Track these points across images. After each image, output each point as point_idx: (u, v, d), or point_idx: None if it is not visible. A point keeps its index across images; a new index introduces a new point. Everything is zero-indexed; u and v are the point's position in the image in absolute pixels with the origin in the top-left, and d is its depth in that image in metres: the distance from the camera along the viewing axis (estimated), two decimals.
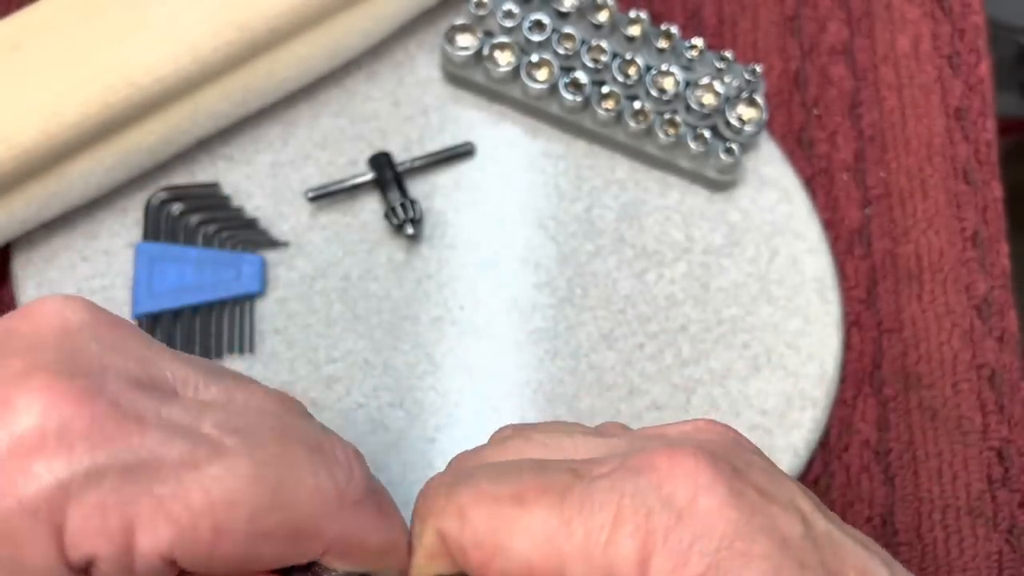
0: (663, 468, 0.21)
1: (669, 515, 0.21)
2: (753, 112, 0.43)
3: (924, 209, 0.44)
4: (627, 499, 0.21)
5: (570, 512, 0.21)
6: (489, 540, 0.22)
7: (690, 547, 0.20)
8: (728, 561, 0.20)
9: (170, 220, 0.41)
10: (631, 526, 0.21)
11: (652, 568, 0.20)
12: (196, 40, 0.38)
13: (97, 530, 0.18)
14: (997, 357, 0.42)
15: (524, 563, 0.21)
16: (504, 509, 0.22)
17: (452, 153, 0.43)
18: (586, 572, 0.21)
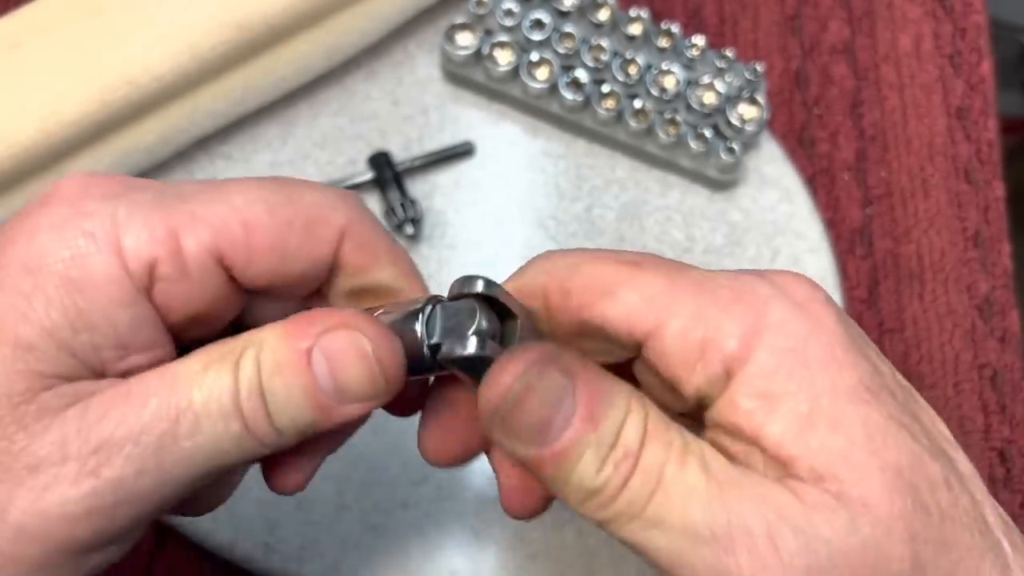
0: (788, 278, 0.22)
1: (788, 309, 0.21)
2: (754, 111, 0.43)
3: (926, 209, 0.44)
4: (748, 287, 0.21)
5: (684, 283, 0.21)
6: (597, 286, 0.22)
7: (809, 335, 0.21)
8: (841, 358, 0.20)
9: None
10: (747, 305, 0.21)
11: (764, 343, 0.20)
12: (195, 39, 0.38)
13: (148, 239, 0.21)
14: (999, 357, 0.42)
15: (627, 310, 0.21)
16: (621, 267, 0.22)
17: (452, 152, 0.43)
18: (685, 332, 0.21)
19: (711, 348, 0.21)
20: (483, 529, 0.37)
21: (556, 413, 0.20)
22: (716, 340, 0.21)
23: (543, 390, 0.20)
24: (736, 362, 0.21)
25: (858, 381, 0.20)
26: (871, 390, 0.20)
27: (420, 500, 0.37)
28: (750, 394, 0.20)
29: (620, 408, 0.20)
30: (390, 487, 0.38)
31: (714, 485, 0.20)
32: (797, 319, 0.21)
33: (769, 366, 0.20)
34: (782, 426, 0.20)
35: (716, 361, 0.21)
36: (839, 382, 0.20)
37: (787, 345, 0.20)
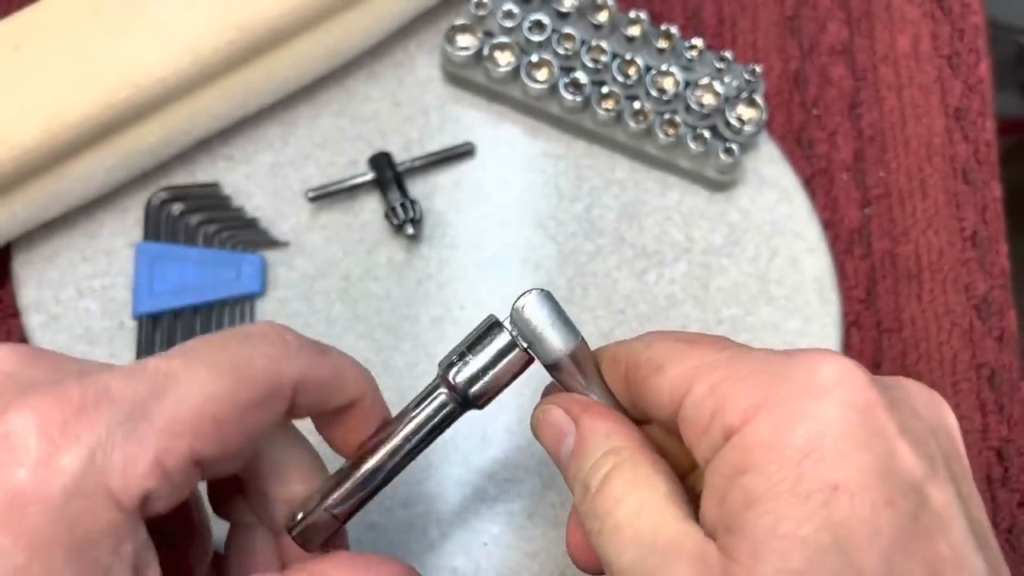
0: (814, 359, 0.22)
1: (797, 389, 0.22)
2: (753, 112, 0.43)
3: (924, 209, 0.45)
4: (769, 365, 0.23)
5: (721, 356, 0.24)
6: (656, 361, 0.25)
7: (800, 419, 0.21)
8: (825, 452, 0.20)
9: (170, 220, 0.41)
10: (759, 381, 0.22)
11: (757, 420, 0.21)
12: (196, 40, 0.38)
13: (139, 476, 0.21)
14: (997, 357, 0.42)
15: (670, 382, 0.24)
16: (679, 344, 0.25)
17: (452, 153, 0.43)
18: (702, 399, 0.23)
19: (717, 418, 0.22)
20: (483, 528, 0.37)
21: (559, 445, 0.26)
22: (722, 411, 0.22)
23: (548, 425, 0.27)
24: (732, 433, 0.22)
25: (828, 478, 0.20)
26: (841, 490, 0.20)
27: (420, 500, 0.38)
28: (728, 463, 0.22)
29: (594, 453, 0.25)
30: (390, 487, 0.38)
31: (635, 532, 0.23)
32: (798, 402, 0.21)
33: (752, 442, 0.21)
34: (736, 499, 0.21)
35: (718, 430, 0.22)
36: (807, 474, 0.20)
37: (774, 427, 0.21)
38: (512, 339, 0.26)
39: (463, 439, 0.39)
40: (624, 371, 0.26)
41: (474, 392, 0.27)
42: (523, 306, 0.26)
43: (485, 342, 0.27)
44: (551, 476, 0.38)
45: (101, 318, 0.40)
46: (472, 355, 0.27)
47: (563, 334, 0.26)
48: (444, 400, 0.27)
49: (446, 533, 0.37)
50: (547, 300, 0.26)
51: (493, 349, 0.27)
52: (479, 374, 0.26)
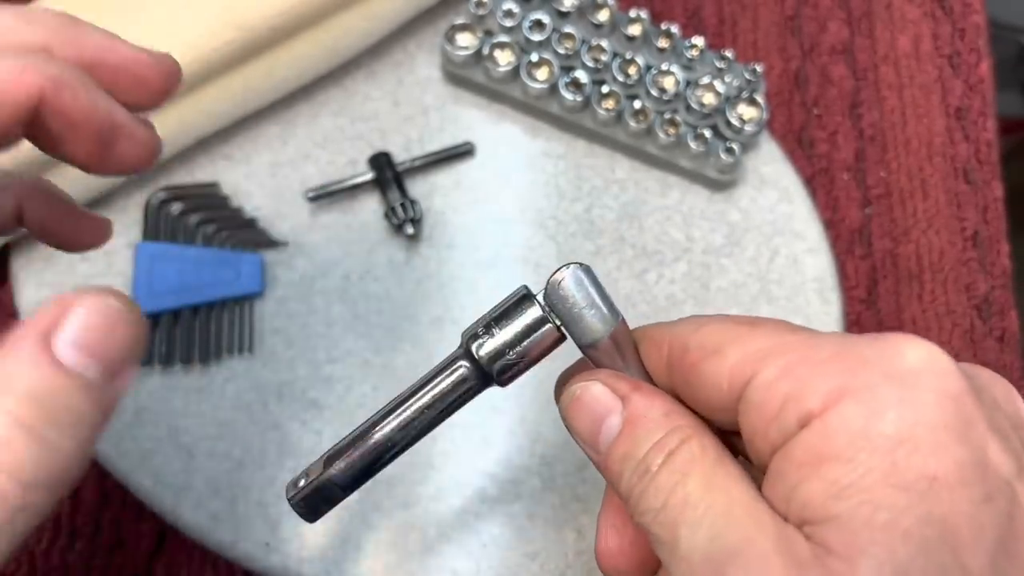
0: (899, 342, 0.21)
1: (886, 374, 0.20)
2: (753, 112, 0.43)
3: (924, 209, 0.44)
4: (850, 348, 0.21)
5: (793, 338, 0.21)
6: (711, 344, 0.23)
7: (892, 405, 0.19)
8: (921, 441, 0.19)
9: (170, 220, 0.41)
10: (843, 363, 0.20)
11: (843, 405, 0.20)
12: (196, 40, 0.38)
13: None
14: (998, 357, 0.42)
15: (730, 366, 0.22)
16: (738, 326, 0.23)
17: (452, 153, 0.43)
18: (772, 383, 0.21)
19: (792, 402, 0.20)
20: (483, 529, 0.37)
21: (600, 426, 0.23)
22: (799, 395, 0.20)
23: (587, 404, 0.24)
24: (810, 419, 0.20)
25: (925, 468, 0.19)
26: (940, 482, 0.19)
27: (420, 500, 0.38)
28: (807, 449, 0.20)
29: (654, 432, 0.22)
30: (390, 487, 0.38)
31: (714, 515, 0.20)
32: (887, 388, 0.20)
33: (836, 428, 0.20)
34: (816, 490, 0.20)
35: (792, 416, 0.20)
36: (902, 463, 0.19)
37: (863, 413, 0.19)
38: (544, 314, 0.24)
39: (463, 440, 0.39)
40: (667, 355, 0.24)
41: (498, 367, 0.24)
42: (560, 280, 0.24)
43: (514, 315, 0.24)
44: (551, 477, 0.38)
45: None
46: (498, 328, 0.24)
47: (604, 314, 0.24)
48: (464, 374, 0.25)
49: (446, 533, 0.37)
50: (587, 275, 0.25)
51: (522, 323, 0.24)
52: (504, 348, 0.24)
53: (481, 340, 0.24)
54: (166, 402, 0.38)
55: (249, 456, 0.38)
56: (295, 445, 0.38)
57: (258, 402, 0.39)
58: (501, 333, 0.24)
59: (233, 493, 0.37)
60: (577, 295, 0.24)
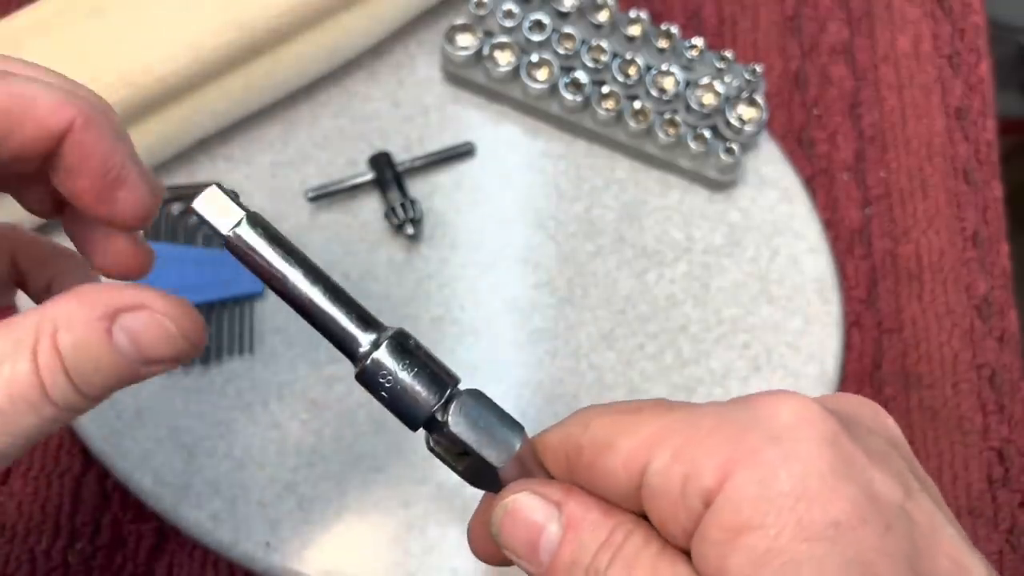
0: (770, 402, 0.22)
1: (765, 436, 0.21)
2: (753, 112, 0.43)
3: (924, 209, 0.44)
4: (728, 416, 0.22)
5: (673, 418, 0.22)
6: (601, 439, 0.23)
7: (779, 465, 0.20)
8: (816, 492, 0.20)
9: (170, 220, 0.41)
10: (724, 436, 0.21)
11: (737, 476, 0.20)
12: (196, 40, 0.38)
13: None
14: (997, 357, 0.42)
15: (624, 458, 0.22)
16: (622, 416, 0.23)
17: (452, 153, 0.43)
18: (668, 469, 0.21)
19: (690, 484, 0.21)
20: None
21: (539, 539, 0.23)
22: (694, 475, 0.21)
23: (519, 518, 0.24)
24: (711, 495, 0.21)
25: (827, 517, 0.20)
26: (844, 525, 0.20)
27: (420, 500, 0.38)
28: (719, 526, 0.21)
29: (599, 533, 0.23)
30: (390, 487, 0.38)
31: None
32: (770, 449, 0.21)
33: (738, 499, 0.20)
34: (740, 562, 0.20)
35: (695, 496, 0.21)
36: (805, 517, 0.20)
37: (756, 478, 0.20)
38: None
39: None
40: (564, 459, 0.24)
41: (368, 372, 0.23)
42: (452, 423, 0.23)
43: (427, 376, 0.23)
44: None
45: None
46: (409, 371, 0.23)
47: (504, 439, 0.24)
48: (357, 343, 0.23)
49: (446, 533, 0.37)
50: (477, 403, 0.24)
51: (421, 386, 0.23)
52: (386, 374, 0.23)
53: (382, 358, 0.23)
54: (166, 402, 0.39)
55: (249, 456, 0.38)
56: (295, 445, 0.38)
57: (258, 402, 0.39)
58: (406, 375, 0.23)
59: (233, 493, 0.37)
60: (471, 432, 0.24)
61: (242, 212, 0.24)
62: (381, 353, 0.23)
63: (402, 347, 0.23)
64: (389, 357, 0.23)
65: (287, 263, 0.24)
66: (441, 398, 0.23)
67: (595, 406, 0.25)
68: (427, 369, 0.23)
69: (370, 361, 0.23)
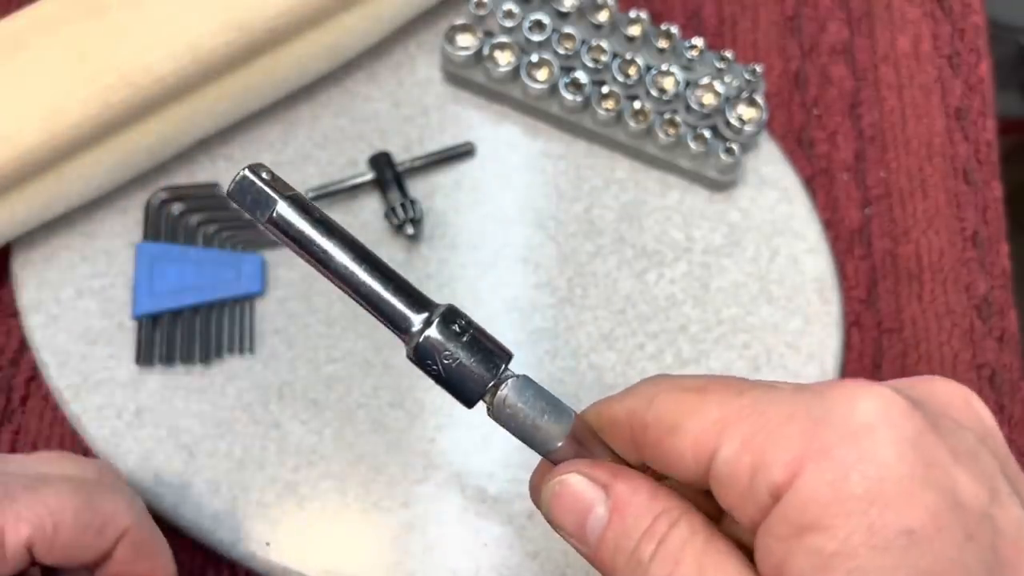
0: (849, 393, 0.21)
1: (842, 432, 0.20)
2: (753, 112, 0.43)
3: (924, 209, 0.44)
4: (802, 406, 0.21)
5: (743, 403, 0.21)
6: (668, 419, 0.22)
7: (853, 465, 0.19)
8: (891, 496, 0.19)
9: (170, 220, 0.41)
10: (797, 428, 0.20)
11: (807, 472, 0.20)
12: (196, 40, 0.38)
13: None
14: (997, 357, 0.42)
15: (691, 441, 0.22)
16: (688, 395, 0.22)
17: (452, 153, 0.43)
18: (736, 457, 0.21)
19: (759, 475, 0.20)
20: (483, 529, 0.37)
21: (586, 519, 0.23)
22: (763, 467, 0.20)
23: (567, 498, 0.24)
24: (781, 490, 0.20)
25: (901, 524, 0.19)
26: (918, 534, 0.19)
27: (420, 500, 0.38)
28: (786, 523, 0.20)
29: (643, 519, 0.23)
30: (390, 487, 0.38)
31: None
32: (845, 448, 0.20)
33: (807, 498, 0.20)
34: (804, 563, 0.19)
35: (763, 489, 0.20)
36: (877, 522, 0.19)
37: (828, 478, 0.19)
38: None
39: (464, 439, 0.39)
40: (630, 433, 0.24)
41: (422, 351, 0.23)
42: (504, 398, 0.24)
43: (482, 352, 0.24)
44: None
45: (101, 318, 0.40)
46: (462, 346, 0.24)
47: (554, 420, 0.24)
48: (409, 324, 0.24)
49: (446, 533, 0.37)
50: (527, 386, 0.24)
51: (479, 366, 0.24)
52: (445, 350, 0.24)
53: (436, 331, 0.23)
54: (166, 402, 0.39)
55: (249, 456, 0.38)
56: (295, 445, 0.38)
57: (258, 402, 0.39)
58: (460, 352, 0.23)
59: (233, 493, 0.37)
60: (524, 410, 0.24)
61: (276, 198, 0.23)
62: (433, 331, 0.23)
63: (454, 323, 0.23)
64: (441, 335, 0.23)
65: (331, 244, 0.23)
66: (496, 375, 0.23)
67: (661, 378, 0.24)
68: (480, 345, 0.23)
69: (423, 339, 0.23)
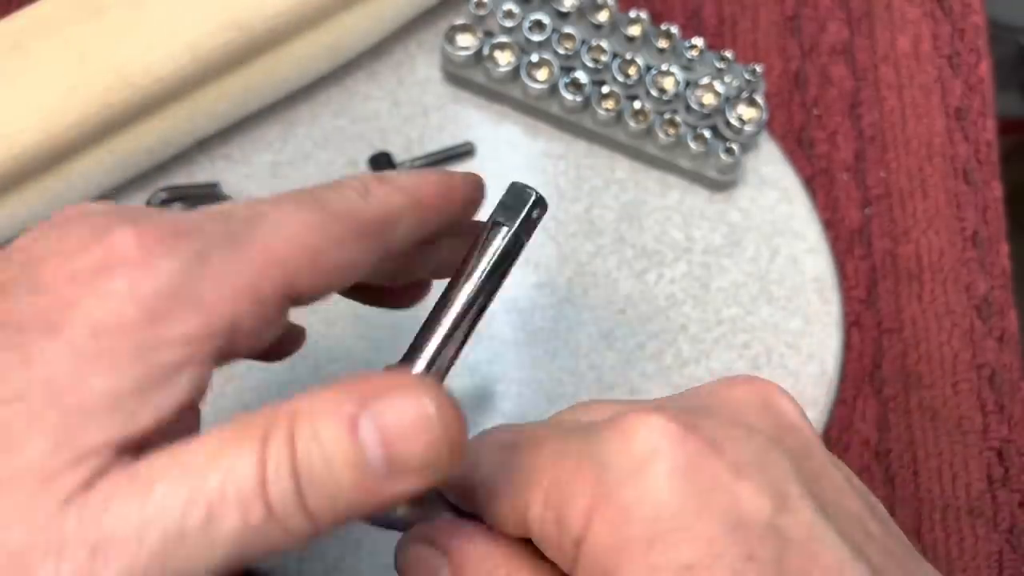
0: (630, 429, 0.21)
1: (619, 474, 0.20)
2: (753, 112, 0.43)
3: (924, 209, 0.44)
4: (590, 451, 0.21)
5: (544, 458, 0.22)
6: (490, 482, 0.23)
7: (631, 508, 0.20)
8: (667, 533, 0.19)
9: None
10: (584, 477, 0.21)
11: (594, 521, 0.20)
12: (195, 40, 0.38)
13: (230, 295, 0.20)
14: (997, 357, 0.42)
15: (508, 504, 0.22)
16: (503, 454, 0.23)
17: (452, 153, 0.43)
18: (542, 514, 0.21)
19: (562, 530, 0.21)
20: None
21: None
22: (563, 521, 0.21)
23: (416, 564, 0.24)
24: (581, 542, 0.20)
25: (678, 560, 0.19)
26: (697, 567, 0.19)
27: None
28: (585, 572, 0.20)
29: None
30: None
31: None
32: (625, 488, 0.20)
33: (598, 545, 0.20)
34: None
35: (569, 543, 0.21)
36: (658, 562, 0.19)
37: (612, 527, 0.20)
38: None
39: None
40: (461, 493, 0.24)
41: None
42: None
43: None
44: None
45: None
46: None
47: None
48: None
49: None
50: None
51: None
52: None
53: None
54: None
55: None
56: None
57: (258, 402, 0.39)
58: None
59: None
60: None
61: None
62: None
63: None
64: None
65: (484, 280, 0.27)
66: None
67: (488, 433, 0.24)
68: None
69: None
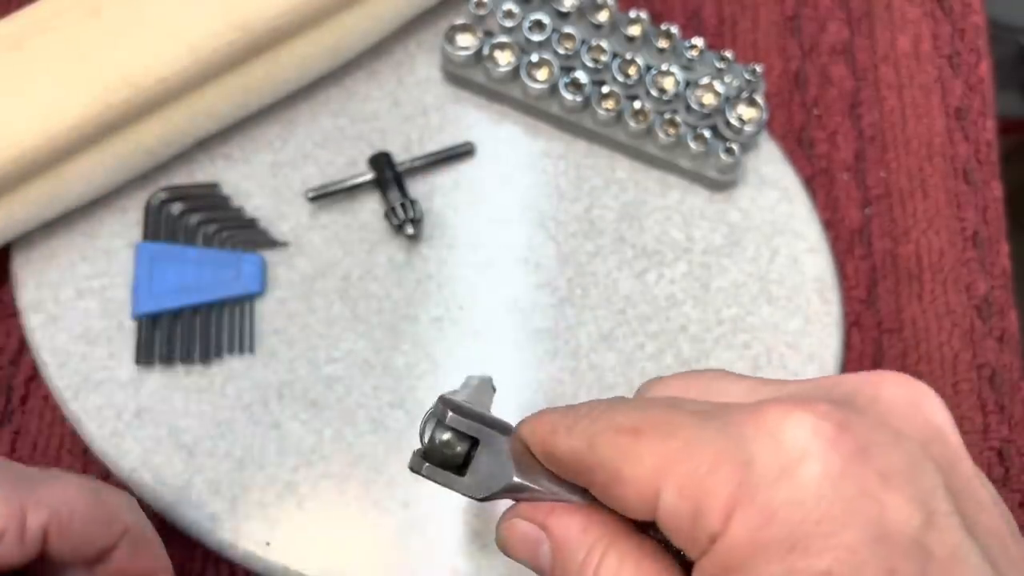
0: (778, 425, 0.20)
1: (766, 473, 0.20)
2: (753, 112, 0.43)
3: (924, 209, 0.44)
4: (730, 445, 0.20)
5: (675, 448, 0.21)
6: (609, 466, 0.22)
7: (777, 510, 0.19)
8: (810, 539, 0.19)
9: (170, 220, 0.41)
10: (726, 472, 0.20)
11: (735, 519, 0.20)
12: (196, 40, 0.38)
13: (3, 514, 0.26)
14: (997, 357, 0.42)
15: (634, 490, 0.22)
16: (623, 439, 0.22)
17: (452, 153, 0.43)
18: (676, 505, 0.21)
19: (698, 523, 0.21)
20: (483, 529, 0.37)
21: (537, 554, 0.25)
22: (700, 515, 0.20)
23: (517, 540, 0.25)
24: (718, 536, 0.20)
25: (817, 567, 0.19)
26: (862, 566, 0.19)
27: (420, 500, 0.38)
28: (714, 565, 0.20)
29: (577, 552, 0.24)
30: (390, 487, 0.38)
31: None
32: (770, 489, 0.20)
33: (735, 543, 0.20)
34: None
35: (704, 536, 0.20)
36: (796, 567, 0.19)
37: (752, 524, 0.19)
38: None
39: None
40: (575, 474, 0.24)
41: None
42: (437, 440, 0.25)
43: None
44: None
45: (100, 318, 0.40)
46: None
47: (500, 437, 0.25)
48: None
49: (446, 533, 0.37)
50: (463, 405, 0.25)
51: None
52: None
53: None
54: (166, 402, 0.39)
55: (249, 456, 0.38)
56: (295, 445, 0.38)
57: (258, 402, 0.39)
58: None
59: (233, 493, 0.37)
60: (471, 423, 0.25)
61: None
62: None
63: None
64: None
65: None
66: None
67: (597, 411, 0.24)
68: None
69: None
